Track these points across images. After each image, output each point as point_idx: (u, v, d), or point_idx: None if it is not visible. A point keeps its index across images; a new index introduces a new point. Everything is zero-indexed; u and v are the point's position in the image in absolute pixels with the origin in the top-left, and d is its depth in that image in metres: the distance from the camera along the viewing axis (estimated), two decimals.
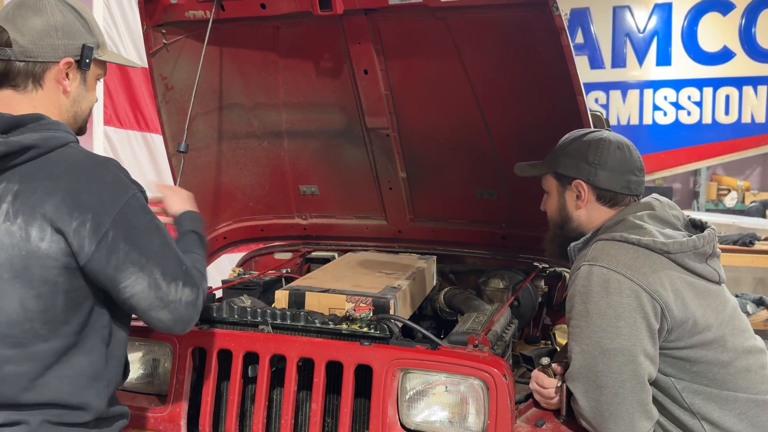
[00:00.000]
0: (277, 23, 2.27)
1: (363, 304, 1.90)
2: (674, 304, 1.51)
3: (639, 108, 7.77)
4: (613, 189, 1.73)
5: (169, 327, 1.46)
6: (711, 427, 1.53)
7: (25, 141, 1.32)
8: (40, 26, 1.38)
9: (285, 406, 1.71)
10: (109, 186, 1.35)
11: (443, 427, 1.64)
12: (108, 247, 1.32)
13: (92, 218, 1.31)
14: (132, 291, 1.36)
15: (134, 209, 1.37)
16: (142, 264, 1.36)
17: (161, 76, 2.38)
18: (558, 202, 1.82)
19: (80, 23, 1.45)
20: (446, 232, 2.75)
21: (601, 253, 1.58)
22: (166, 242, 1.43)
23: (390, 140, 2.50)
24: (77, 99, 1.47)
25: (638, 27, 7.69)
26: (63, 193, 1.31)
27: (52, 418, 1.35)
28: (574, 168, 1.75)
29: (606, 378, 1.49)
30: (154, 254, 1.39)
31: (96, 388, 1.40)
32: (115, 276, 1.35)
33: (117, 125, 3.05)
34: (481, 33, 2.11)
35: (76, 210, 1.31)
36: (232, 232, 2.91)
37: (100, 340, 1.41)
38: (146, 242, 1.38)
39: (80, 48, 1.43)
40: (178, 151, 2.18)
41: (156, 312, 1.41)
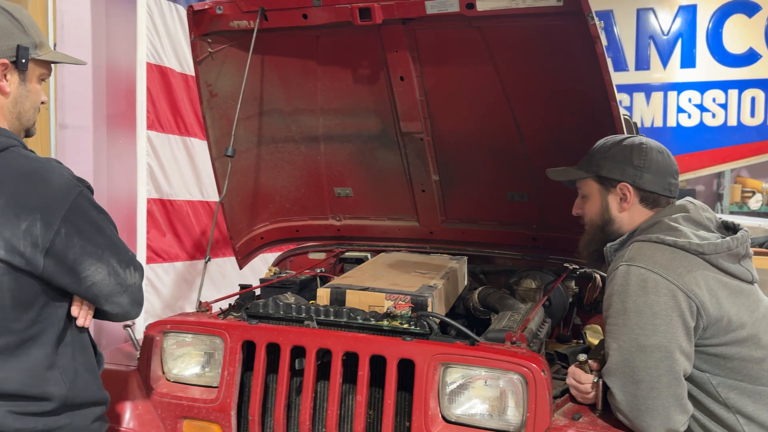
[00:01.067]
0: (317, 33, 2.36)
1: (402, 302, 1.99)
2: (709, 302, 1.57)
3: (663, 110, 7.74)
4: (656, 191, 1.80)
5: (127, 311, 1.56)
6: (746, 420, 1.59)
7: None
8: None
9: (331, 397, 1.79)
10: (54, 186, 1.41)
11: (483, 419, 1.71)
12: (63, 243, 1.39)
13: (41, 218, 1.37)
14: (93, 279, 1.45)
15: (83, 206, 1.44)
16: (99, 255, 1.45)
17: (206, 83, 2.49)
18: (600, 205, 1.85)
19: (13, 25, 1.47)
20: (477, 233, 2.82)
21: (639, 253, 1.64)
22: (114, 233, 1.52)
23: (424, 144, 2.58)
24: (18, 99, 1.50)
25: (662, 29, 7.67)
26: (7, 197, 1.36)
27: (15, 409, 1.42)
28: (619, 171, 1.80)
29: (643, 373, 1.55)
30: (108, 245, 1.48)
31: (53, 377, 1.46)
32: (74, 268, 1.42)
33: (159, 130, 3.16)
34: (515, 40, 2.18)
35: (23, 212, 1.36)
36: (269, 232, 3.01)
37: (55, 333, 1.47)
38: (99, 235, 1.46)
39: (15, 49, 1.45)
40: (225, 155, 2.27)
41: (117, 297, 1.51)
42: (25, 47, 1.47)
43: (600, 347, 1.99)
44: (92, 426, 1.57)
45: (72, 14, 2.85)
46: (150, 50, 3.10)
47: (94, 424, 1.58)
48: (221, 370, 1.91)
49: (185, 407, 1.94)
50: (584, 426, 1.61)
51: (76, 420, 1.52)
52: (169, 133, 3.24)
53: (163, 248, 3.26)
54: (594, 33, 1.86)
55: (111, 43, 3.11)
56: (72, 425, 1.51)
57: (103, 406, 1.62)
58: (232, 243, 2.86)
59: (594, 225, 1.89)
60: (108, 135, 3.15)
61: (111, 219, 1.54)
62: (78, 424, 1.52)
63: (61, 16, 2.74)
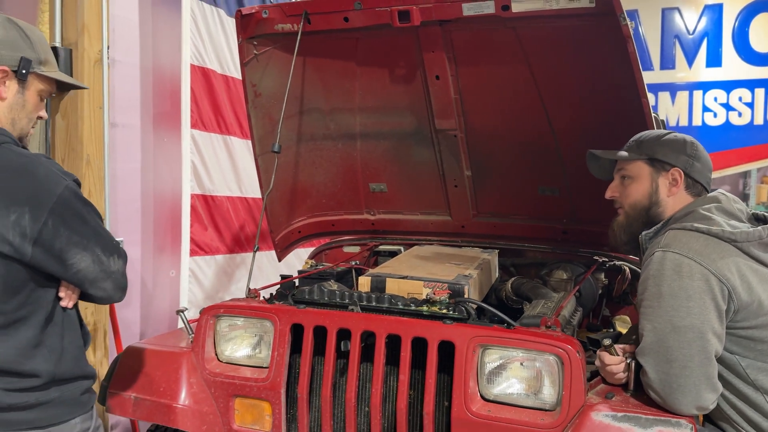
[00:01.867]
0: (357, 35, 2.48)
1: (441, 289, 2.10)
2: (740, 287, 1.66)
3: (688, 109, 7.73)
4: (701, 182, 1.91)
5: (111, 295, 1.67)
6: None
7: None
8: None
9: (375, 376, 1.90)
10: (42, 180, 1.51)
11: (519, 398, 1.81)
12: (50, 233, 1.50)
13: (29, 210, 1.47)
14: (78, 267, 1.56)
15: (68, 199, 1.54)
16: (84, 244, 1.56)
17: (251, 83, 2.62)
18: (650, 186, 1.92)
19: (22, 39, 1.59)
20: (508, 227, 2.92)
21: (674, 240, 1.73)
22: (99, 223, 1.63)
23: (457, 141, 2.69)
24: (14, 107, 1.60)
25: (688, 28, 7.67)
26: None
27: (7, 386, 1.53)
28: (674, 157, 1.89)
29: (676, 353, 1.64)
30: (93, 234, 1.59)
31: (40, 354, 1.57)
32: (61, 257, 1.53)
33: (202, 128, 3.31)
34: (549, 40, 2.28)
35: (13, 204, 1.47)
36: (306, 226, 3.14)
37: (43, 314, 1.58)
38: (83, 225, 1.57)
39: (18, 59, 1.57)
40: (272, 151, 2.40)
41: (102, 283, 1.62)
42: (28, 60, 1.59)
43: (630, 334, 2.08)
44: (82, 398, 1.68)
45: (123, 18, 3.01)
46: (194, 52, 3.25)
47: (84, 396, 1.69)
48: (271, 351, 2.04)
49: (237, 386, 2.07)
50: (617, 404, 1.70)
51: (66, 393, 1.63)
52: (211, 132, 3.39)
53: (205, 241, 3.41)
54: (626, 33, 1.95)
55: (157, 46, 3.27)
56: (62, 397, 1.62)
57: (91, 380, 1.73)
58: (272, 236, 2.99)
59: (638, 206, 1.94)
60: (154, 133, 3.31)
61: (96, 210, 1.65)
62: (67, 397, 1.64)
63: (113, 21, 2.90)
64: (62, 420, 1.62)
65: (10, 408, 1.54)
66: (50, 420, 1.60)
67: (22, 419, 1.56)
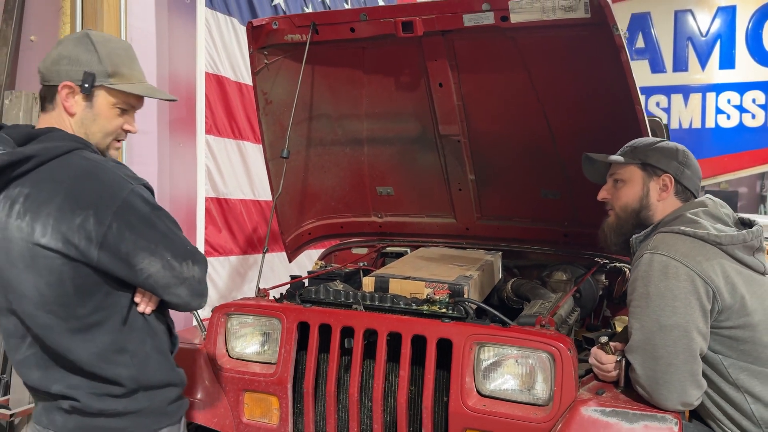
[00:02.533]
0: (363, 44, 2.58)
1: (441, 289, 2.18)
2: (724, 288, 1.73)
3: (701, 111, 7.73)
4: (690, 188, 1.99)
5: (188, 302, 1.62)
6: (753, 399, 1.73)
7: (27, 151, 1.49)
8: (54, 56, 1.60)
9: (377, 372, 2.00)
10: (107, 184, 1.50)
11: (513, 394, 1.89)
12: (114, 237, 1.47)
13: (94, 214, 1.46)
14: (149, 272, 1.53)
15: (133, 202, 1.51)
16: (152, 249, 1.52)
17: (263, 91, 2.73)
18: (641, 190, 1.99)
19: (89, 53, 1.58)
20: (511, 229, 2.99)
21: (662, 243, 1.80)
22: (170, 228, 1.58)
23: (461, 146, 2.77)
24: (84, 121, 1.60)
25: (701, 30, 7.66)
26: (65, 194, 1.47)
27: (96, 391, 1.53)
28: (666, 163, 1.97)
29: (662, 350, 1.71)
30: (161, 239, 1.54)
31: (122, 360, 1.55)
32: (128, 261, 1.50)
33: (216, 134, 3.43)
34: (547, 49, 2.36)
35: (78, 208, 1.46)
36: (316, 228, 3.24)
37: (120, 319, 1.56)
38: (150, 230, 1.53)
39: (82, 74, 1.57)
40: (281, 156, 2.50)
41: (175, 289, 1.58)
42: (91, 73, 1.57)
43: (623, 333, 2.15)
44: (169, 408, 1.66)
45: (139, 29, 3.14)
46: (208, 61, 3.37)
47: (171, 406, 1.66)
48: (279, 348, 2.14)
49: (247, 381, 2.17)
50: (606, 400, 1.78)
51: (155, 403, 1.62)
52: (225, 137, 3.51)
53: (219, 243, 3.53)
54: (618, 43, 2.02)
55: (173, 55, 3.39)
56: (151, 408, 1.61)
57: (179, 388, 1.69)
58: (283, 238, 3.10)
59: (629, 209, 2.01)
60: (171, 139, 3.44)
61: (168, 215, 1.61)
62: (156, 407, 1.62)
63: (131, 31, 3.03)
64: (150, 429, 1.62)
65: (100, 413, 1.55)
66: (138, 429, 1.59)
67: (110, 426, 1.56)
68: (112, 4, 2.80)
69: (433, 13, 2.33)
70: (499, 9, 2.21)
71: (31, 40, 3.02)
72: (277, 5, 3.91)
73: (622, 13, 7.96)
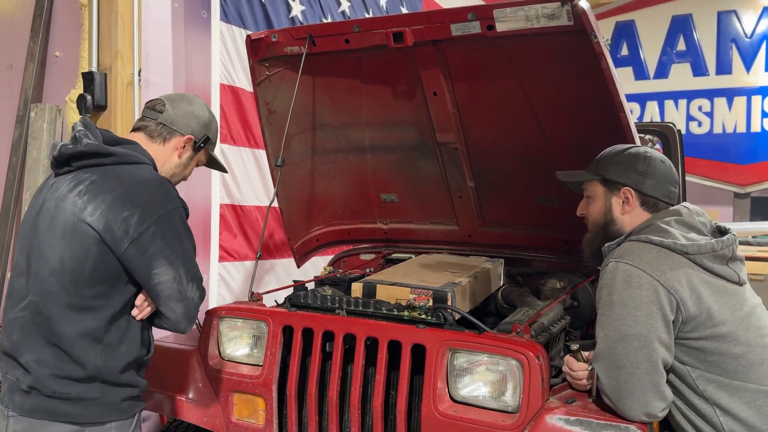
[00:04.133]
0: (359, 55, 2.64)
1: (423, 295, 2.21)
2: (689, 298, 1.69)
3: (746, 115, 7.44)
4: (656, 197, 1.93)
5: (178, 320, 1.78)
6: (722, 412, 1.69)
7: (111, 150, 1.77)
8: (188, 110, 1.97)
9: (354, 376, 2.04)
10: (159, 195, 1.74)
11: (485, 400, 1.89)
12: (148, 238, 1.68)
13: (140, 213, 1.68)
14: (160, 278, 1.71)
15: (173, 217, 1.75)
16: (172, 260, 1.71)
17: (265, 102, 2.82)
18: (604, 206, 1.99)
19: (214, 125, 2.06)
20: (513, 236, 2.98)
21: (628, 252, 1.78)
22: (191, 250, 1.81)
23: (458, 153, 2.79)
24: (180, 165, 1.98)
25: (745, 31, 7.39)
26: (123, 190, 1.70)
27: (57, 372, 1.66)
28: (624, 176, 1.94)
29: (624, 360, 1.69)
30: (183, 255, 1.75)
31: (94, 349, 1.69)
32: (149, 263, 1.69)
33: (231, 143, 3.55)
34: (536, 57, 2.36)
35: (129, 204, 1.68)
36: (324, 234, 3.31)
37: (111, 313, 1.71)
38: (178, 245, 1.74)
39: (203, 136, 1.99)
40: (276, 165, 2.59)
41: (174, 302, 1.74)
42: (206, 138, 2.00)
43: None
44: (122, 404, 1.77)
45: (155, 43, 3.29)
46: (223, 72, 3.50)
47: (124, 402, 1.78)
48: (265, 351, 2.21)
49: (236, 382, 2.25)
50: (574, 408, 1.76)
51: (108, 396, 1.73)
52: (240, 146, 3.63)
53: (234, 248, 3.64)
54: (597, 50, 2.01)
55: (189, 67, 3.54)
56: (103, 399, 1.72)
57: (136, 389, 1.82)
58: (290, 244, 3.18)
59: (597, 225, 2.03)
60: None
61: (193, 239, 1.84)
62: (108, 399, 1.74)
63: (146, 45, 3.19)
64: (99, 421, 1.72)
65: (54, 395, 1.67)
66: (87, 418, 1.70)
67: (62, 411, 1.68)
68: (126, 21, 2.95)
69: (422, 23, 2.37)
70: (484, 18, 2.23)
71: (56, 55, 3.22)
72: (294, 17, 4.02)
73: (661, 16, 7.78)
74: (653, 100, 7.79)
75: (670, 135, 3.37)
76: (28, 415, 1.69)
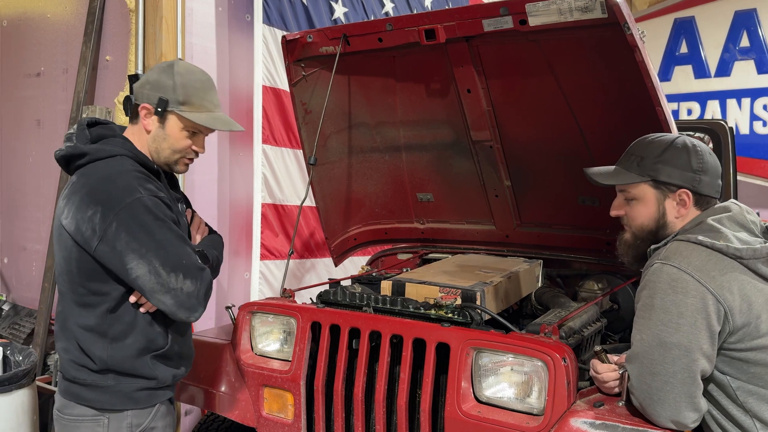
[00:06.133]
0: (393, 53, 2.64)
1: (451, 294, 2.18)
2: (738, 308, 1.58)
3: None
4: (711, 194, 1.80)
5: (173, 311, 1.74)
6: (762, 425, 1.59)
7: (83, 149, 1.79)
8: (143, 79, 1.88)
9: (379, 373, 2.03)
10: (119, 188, 1.71)
11: (510, 402, 1.85)
12: (112, 234, 1.67)
13: (101, 209, 1.68)
14: (136, 273, 1.69)
15: (135, 209, 1.69)
16: (142, 253, 1.68)
17: (301, 102, 2.86)
18: (657, 210, 1.82)
19: (168, 82, 1.83)
20: (552, 237, 2.91)
21: (675, 253, 1.67)
22: (168, 239, 1.71)
23: (494, 151, 2.75)
24: (156, 138, 1.86)
25: None
26: (88, 189, 1.72)
27: (76, 360, 1.77)
28: (679, 176, 1.77)
29: (659, 367, 1.61)
30: (153, 247, 1.68)
31: (100, 342, 1.75)
32: (120, 258, 1.68)
33: (273, 143, 3.62)
34: (571, 51, 2.30)
35: (92, 202, 1.70)
36: (361, 234, 3.32)
37: (109, 308, 1.75)
38: (146, 236, 1.69)
39: (157, 98, 1.82)
40: (309, 164, 2.61)
41: (159, 295, 1.71)
42: (165, 99, 1.82)
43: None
44: (137, 394, 1.80)
45: (200, 46, 3.39)
46: (265, 74, 3.57)
47: (140, 392, 1.81)
48: (294, 347, 2.23)
49: (266, 377, 2.29)
50: (602, 412, 1.70)
51: (122, 385, 1.78)
52: (282, 147, 3.69)
53: (276, 247, 3.70)
54: (631, 42, 1.94)
55: (233, 69, 3.63)
56: (117, 388, 1.78)
57: (151, 381, 1.82)
58: (328, 243, 3.21)
59: (645, 229, 1.85)
60: (230, 149, 3.67)
61: (173, 228, 1.76)
62: (122, 389, 1.79)
63: (191, 48, 3.29)
64: (115, 408, 1.79)
65: (74, 380, 1.79)
66: (104, 404, 1.78)
67: (83, 396, 1.78)
68: (170, 26, 3.05)
69: (454, 19, 2.35)
70: (517, 13, 2.19)
71: (107, 59, 3.37)
72: (337, 19, 4.06)
73: (723, 12, 7.43)
74: (714, 99, 7.44)
75: (722, 133, 3.21)
76: (62, 396, 1.83)
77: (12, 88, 4.15)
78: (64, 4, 3.76)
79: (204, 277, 1.79)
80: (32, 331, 3.67)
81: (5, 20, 4.21)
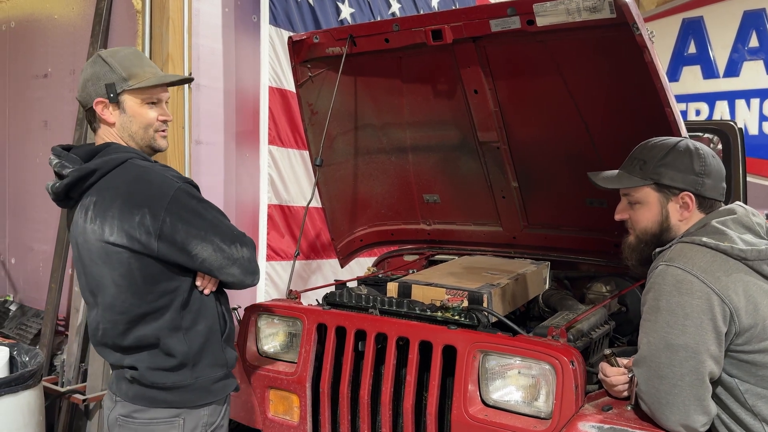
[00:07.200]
0: (399, 54, 2.63)
1: (458, 296, 2.17)
2: (744, 309, 1.57)
3: None
4: (714, 197, 1.79)
5: (242, 279, 1.79)
6: None
7: (91, 166, 1.74)
8: (81, 83, 1.82)
9: (386, 376, 2.02)
10: (156, 185, 1.71)
11: (517, 405, 1.84)
12: (169, 229, 1.67)
13: (149, 211, 1.67)
14: (202, 256, 1.71)
15: (180, 198, 1.70)
16: (202, 236, 1.71)
17: (308, 103, 2.85)
18: (660, 213, 1.82)
19: (103, 68, 1.78)
20: (559, 239, 2.89)
21: (679, 254, 1.66)
22: (216, 217, 1.76)
23: (500, 152, 2.73)
24: (124, 125, 1.81)
25: None
26: (122, 197, 1.69)
27: (152, 365, 1.74)
28: (682, 179, 1.77)
29: (667, 370, 1.59)
30: (209, 227, 1.72)
31: (177, 336, 1.75)
32: (184, 248, 1.69)
33: (279, 144, 3.61)
34: (579, 51, 2.28)
35: (135, 207, 1.67)
36: (367, 235, 3.31)
37: (182, 302, 1.76)
38: (199, 219, 1.71)
39: (104, 88, 1.77)
40: (315, 165, 2.61)
41: (227, 269, 1.75)
42: (111, 83, 1.78)
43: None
44: (214, 387, 1.82)
45: (206, 47, 3.39)
46: (272, 75, 3.56)
47: (216, 384, 1.83)
48: (300, 348, 2.22)
49: (272, 378, 2.28)
50: (609, 416, 1.68)
51: (201, 380, 1.79)
52: (288, 148, 3.68)
53: (282, 248, 3.70)
54: (640, 42, 1.92)
55: (239, 70, 3.62)
56: (196, 384, 1.78)
57: (224, 368, 1.85)
58: (334, 244, 3.20)
59: (649, 233, 1.85)
60: (237, 150, 3.67)
61: (214, 206, 1.80)
62: (201, 384, 1.79)
63: (197, 49, 3.29)
64: (195, 405, 1.79)
65: (152, 386, 1.76)
66: (184, 403, 1.78)
67: (161, 398, 1.77)
68: (177, 27, 3.05)
69: (461, 20, 2.34)
70: (524, 13, 2.18)
71: None
72: (343, 20, 4.05)
73: (732, 12, 7.38)
74: (723, 100, 7.39)
75: (731, 133, 3.18)
76: (132, 402, 1.79)
77: (20, 90, 4.17)
78: (71, 6, 3.77)
79: (250, 240, 1.84)
80: (39, 332, 3.68)
81: (13, 21, 4.23)
